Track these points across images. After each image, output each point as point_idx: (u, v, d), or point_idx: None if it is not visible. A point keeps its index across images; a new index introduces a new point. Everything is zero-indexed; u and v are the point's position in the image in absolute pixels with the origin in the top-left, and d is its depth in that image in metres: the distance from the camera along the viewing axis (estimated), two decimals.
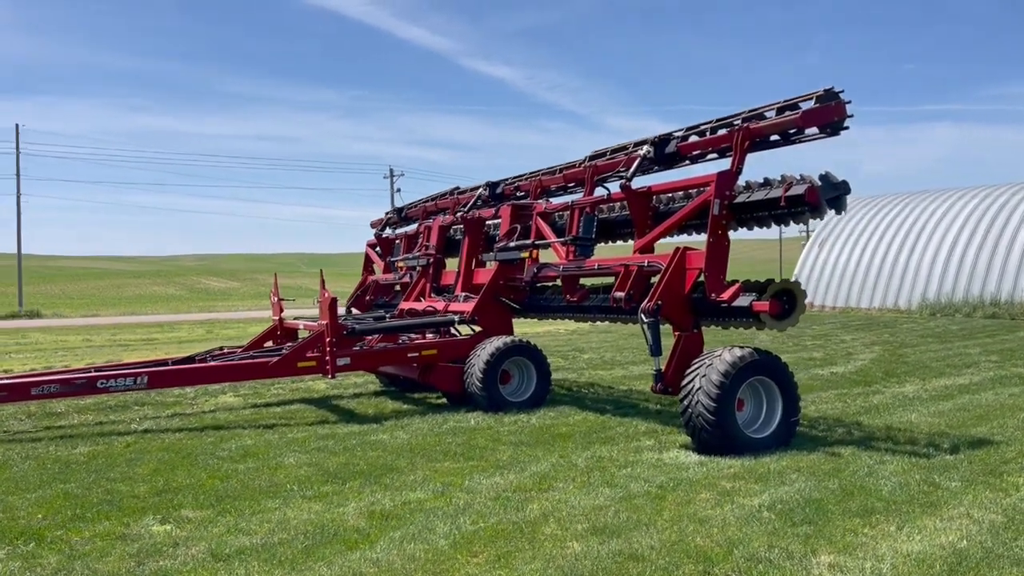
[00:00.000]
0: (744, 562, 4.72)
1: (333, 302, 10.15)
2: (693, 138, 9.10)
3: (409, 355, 10.61)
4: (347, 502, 6.25)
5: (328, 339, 10.08)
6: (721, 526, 5.39)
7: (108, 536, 5.54)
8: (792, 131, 8.01)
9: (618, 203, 9.88)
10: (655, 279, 8.45)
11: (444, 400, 11.18)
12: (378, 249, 15.79)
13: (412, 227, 14.83)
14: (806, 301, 7.85)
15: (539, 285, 11.17)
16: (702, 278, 8.18)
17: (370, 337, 11.01)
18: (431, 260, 13.02)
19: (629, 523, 5.50)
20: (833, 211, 7.87)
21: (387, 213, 16.47)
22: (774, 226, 8.53)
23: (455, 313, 11.34)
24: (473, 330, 11.45)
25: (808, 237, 39.35)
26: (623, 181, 9.31)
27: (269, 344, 12.35)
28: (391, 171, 61.43)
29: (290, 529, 5.57)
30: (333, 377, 10.27)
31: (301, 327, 12.45)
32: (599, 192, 10.30)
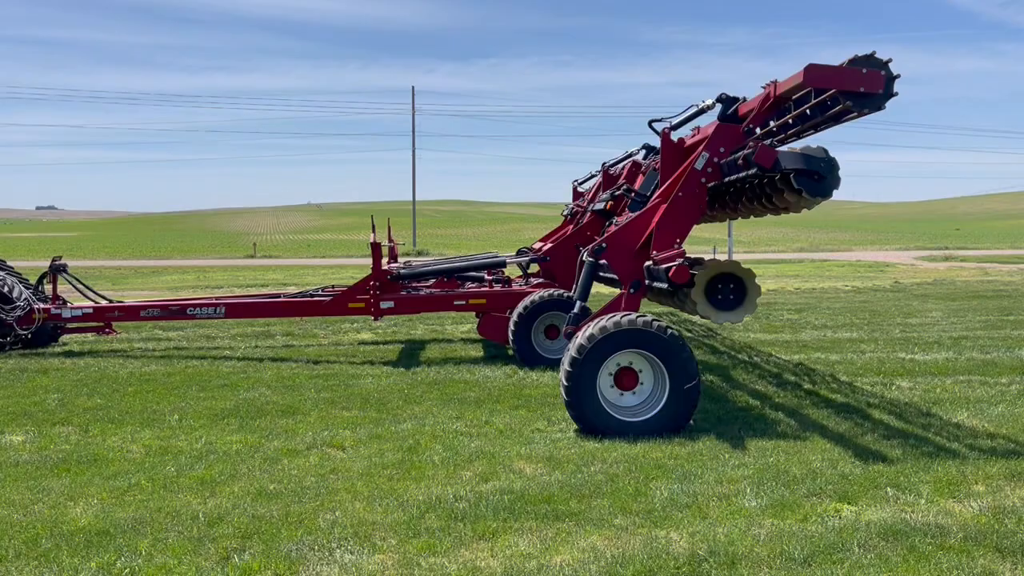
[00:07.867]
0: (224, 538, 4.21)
1: (376, 247, 10.42)
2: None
3: (455, 303, 10.52)
4: (178, 437, 6.62)
5: (372, 283, 10.41)
6: (361, 507, 4.81)
7: None
8: (834, 100, 6.24)
9: None
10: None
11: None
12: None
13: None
14: None
15: None
16: None
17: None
18: (576, 210, 12.98)
19: (293, 491, 5.22)
20: (805, 192, 6.05)
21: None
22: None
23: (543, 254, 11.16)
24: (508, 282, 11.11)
25: None
26: (664, 128, 8.27)
27: None
28: None
29: (74, 454, 6.12)
30: (378, 319, 10.61)
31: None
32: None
